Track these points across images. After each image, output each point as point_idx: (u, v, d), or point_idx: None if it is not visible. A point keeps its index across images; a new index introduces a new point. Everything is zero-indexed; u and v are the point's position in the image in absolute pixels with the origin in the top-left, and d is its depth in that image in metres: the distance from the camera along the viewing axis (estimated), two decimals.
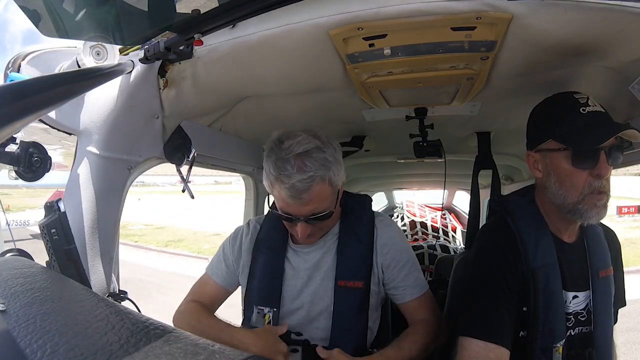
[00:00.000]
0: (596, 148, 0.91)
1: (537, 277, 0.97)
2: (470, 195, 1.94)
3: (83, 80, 0.69)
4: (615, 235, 1.16)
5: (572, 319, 1.01)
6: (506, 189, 2.58)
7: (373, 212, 1.23)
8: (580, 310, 1.02)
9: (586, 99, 0.96)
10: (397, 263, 1.16)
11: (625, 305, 1.15)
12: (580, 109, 0.94)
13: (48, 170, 0.92)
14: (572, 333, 1.01)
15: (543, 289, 0.97)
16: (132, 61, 0.99)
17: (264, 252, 1.19)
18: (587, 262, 1.03)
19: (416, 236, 4.08)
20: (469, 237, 1.92)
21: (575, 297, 1.01)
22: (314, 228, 1.07)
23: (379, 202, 4.88)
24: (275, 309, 1.14)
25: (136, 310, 0.85)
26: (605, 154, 0.91)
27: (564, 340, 0.99)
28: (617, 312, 1.13)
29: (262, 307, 1.15)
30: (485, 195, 2.35)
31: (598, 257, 1.04)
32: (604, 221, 1.06)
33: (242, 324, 1.21)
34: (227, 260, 1.24)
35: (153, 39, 0.91)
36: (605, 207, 0.95)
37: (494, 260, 1.01)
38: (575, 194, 0.95)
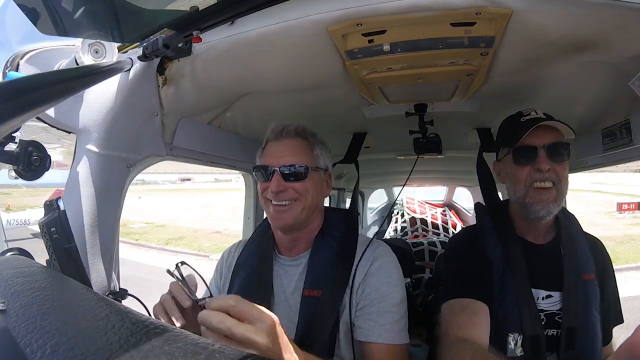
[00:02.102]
0: (533, 146, 1.05)
1: (493, 267, 1.10)
2: (478, 175, 1.83)
3: (81, 78, 0.68)
4: (602, 246, 1.21)
5: (544, 318, 1.05)
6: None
7: (357, 224, 1.25)
8: (557, 310, 1.06)
9: (530, 111, 1.11)
10: (377, 294, 1.02)
11: (622, 322, 1.16)
12: (521, 119, 1.10)
13: (47, 169, 0.92)
14: (549, 334, 1.05)
15: (498, 279, 1.08)
16: (131, 59, 0.98)
17: (240, 276, 1.19)
18: (561, 264, 1.08)
19: (416, 233, 4.09)
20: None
21: (548, 296, 1.07)
22: (286, 186, 1.07)
23: (378, 199, 4.88)
24: None
25: (139, 308, 0.85)
26: (545, 151, 1.04)
27: (520, 335, 1.03)
28: (612, 330, 1.14)
29: None
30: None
31: (573, 260, 1.09)
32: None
33: None
34: (215, 279, 1.29)
35: (151, 37, 0.91)
36: (554, 201, 1.05)
37: (464, 245, 1.22)
38: (520, 187, 1.08)
